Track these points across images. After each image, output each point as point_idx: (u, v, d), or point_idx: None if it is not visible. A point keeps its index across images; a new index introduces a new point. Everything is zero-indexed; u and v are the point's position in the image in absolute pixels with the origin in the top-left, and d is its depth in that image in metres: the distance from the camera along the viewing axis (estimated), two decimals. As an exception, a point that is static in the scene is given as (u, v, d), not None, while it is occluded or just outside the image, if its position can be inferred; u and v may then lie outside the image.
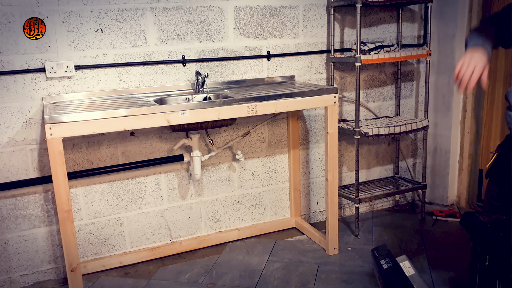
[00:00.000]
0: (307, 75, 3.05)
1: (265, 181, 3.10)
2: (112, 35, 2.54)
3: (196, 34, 2.72)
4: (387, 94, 3.33)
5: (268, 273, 2.63)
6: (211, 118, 2.31)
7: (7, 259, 2.55)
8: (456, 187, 3.46)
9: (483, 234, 1.69)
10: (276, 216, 3.18)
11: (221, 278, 2.60)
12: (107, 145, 2.64)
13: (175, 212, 2.89)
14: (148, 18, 2.60)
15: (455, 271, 2.57)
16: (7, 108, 2.41)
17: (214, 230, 3.02)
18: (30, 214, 2.55)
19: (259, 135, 3.02)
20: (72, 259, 2.18)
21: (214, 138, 2.88)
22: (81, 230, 2.68)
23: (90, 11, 2.47)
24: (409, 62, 3.36)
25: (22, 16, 2.35)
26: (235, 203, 3.04)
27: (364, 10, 3.09)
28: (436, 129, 3.43)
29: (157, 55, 2.66)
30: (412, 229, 3.12)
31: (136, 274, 2.69)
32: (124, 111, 2.14)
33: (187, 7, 2.67)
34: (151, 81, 2.67)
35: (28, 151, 2.49)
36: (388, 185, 3.32)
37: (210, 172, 2.93)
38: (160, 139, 2.76)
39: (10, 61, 2.37)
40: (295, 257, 2.78)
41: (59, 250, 2.64)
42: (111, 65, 2.57)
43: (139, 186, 2.77)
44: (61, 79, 2.49)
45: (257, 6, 2.82)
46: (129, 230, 2.79)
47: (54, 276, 2.66)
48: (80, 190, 2.64)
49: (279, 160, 3.10)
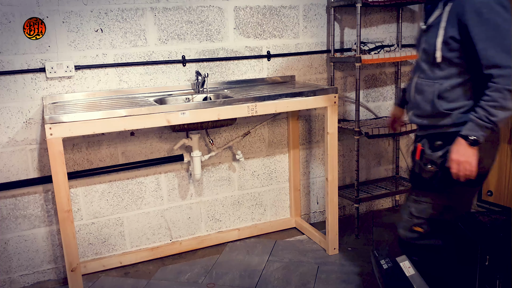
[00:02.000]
0: (307, 75, 3.05)
1: (265, 181, 3.10)
2: (112, 35, 2.54)
3: (196, 34, 2.72)
4: (387, 94, 3.33)
5: (268, 273, 2.63)
6: (211, 118, 2.31)
7: (7, 259, 2.55)
8: (456, 187, 3.46)
9: (483, 234, 1.70)
10: (276, 216, 3.18)
11: (221, 278, 2.60)
12: (107, 145, 2.64)
13: (175, 212, 2.89)
14: (148, 18, 2.60)
15: (455, 271, 2.57)
16: (7, 108, 2.41)
17: (214, 230, 3.02)
18: (30, 214, 2.55)
19: (259, 135, 3.02)
20: (72, 259, 2.18)
21: (214, 138, 2.88)
22: (81, 230, 2.68)
23: (90, 11, 2.47)
24: (409, 62, 3.36)
25: (22, 16, 2.35)
26: (235, 203, 3.04)
27: (364, 10, 3.09)
28: (436, 129, 3.43)
29: (157, 55, 2.66)
30: (412, 229, 3.12)
31: (136, 274, 2.69)
32: (124, 111, 2.14)
33: (187, 7, 2.67)
34: (151, 81, 2.67)
35: (28, 151, 2.49)
36: (388, 185, 3.32)
37: (210, 172, 2.93)
38: (160, 139, 2.76)
39: (10, 61, 2.37)
40: (295, 257, 2.78)
41: (59, 250, 2.64)
42: (111, 65, 2.57)
43: (139, 186, 2.77)
44: (61, 79, 2.49)
45: (257, 6, 2.82)
46: (129, 230, 2.79)
47: (54, 276, 2.66)
48: (80, 190, 2.64)
49: (279, 160, 3.10)
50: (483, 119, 1.63)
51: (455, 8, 1.65)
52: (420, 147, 1.80)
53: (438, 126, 1.77)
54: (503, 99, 1.59)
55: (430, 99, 1.76)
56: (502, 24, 1.57)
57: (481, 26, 1.59)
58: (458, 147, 1.68)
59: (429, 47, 1.75)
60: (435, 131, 1.79)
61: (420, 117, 1.83)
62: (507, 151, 3.13)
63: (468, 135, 1.65)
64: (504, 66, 1.58)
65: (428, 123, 1.81)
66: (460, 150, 1.67)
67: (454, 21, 1.65)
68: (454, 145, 1.70)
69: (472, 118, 1.66)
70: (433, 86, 1.74)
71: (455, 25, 1.65)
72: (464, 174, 1.68)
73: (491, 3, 1.58)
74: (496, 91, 1.60)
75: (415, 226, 1.86)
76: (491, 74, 1.61)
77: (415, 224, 1.87)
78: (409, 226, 1.91)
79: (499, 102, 1.60)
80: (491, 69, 1.61)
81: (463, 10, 1.61)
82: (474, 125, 1.65)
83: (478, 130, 1.64)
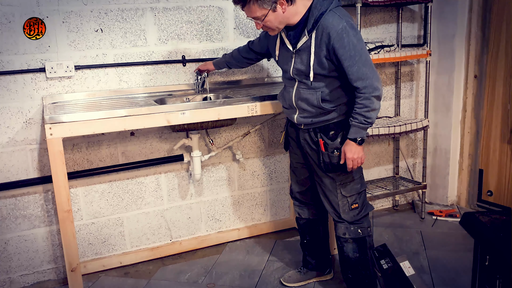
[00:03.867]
0: (307, 75, 3.04)
1: (265, 181, 3.10)
2: (112, 35, 2.54)
3: (196, 34, 2.72)
4: (387, 94, 3.33)
5: (268, 273, 2.63)
6: (211, 118, 2.31)
7: (7, 259, 2.55)
8: (456, 187, 3.46)
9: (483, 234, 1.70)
10: (276, 216, 3.18)
11: (221, 278, 2.60)
12: (107, 145, 2.65)
13: (175, 212, 2.89)
14: (148, 18, 2.60)
15: (455, 271, 2.58)
16: (7, 108, 2.41)
17: (214, 230, 3.02)
18: (30, 214, 2.55)
19: (259, 135, 3.02)
20: (72, 259, 2.18)
21: (214, 138, 2.88)
22: (81, 230, 2.68)
23: (90, 11, 2.47)
24: (409, 62, 3.36)
25: (22, 16, 2.35)
26: (235, 203, 3.04)
27: (364, 10, 3.09)
28: (436, 129, 3.43)
29: (157, 55, 2.66)
30: (412, 229, 3.12)
31: (136, 274, 2.69)
32: (124, 111, 2.14)
33: (187, 7, 2.67)
34: (151, 81, 2.67)
35: (28, 151, 2.49)
36: (388, 185, 3.32)
37: (210, 172, 2.93)
38: (160, 139, 2.76)
39: (10, 61, 2.37)
40: (295, 257, 2.78)
41: (59, 250, 2.64)
42: (111, 65, 2.57)
43: (139, 186, 2.77)
44: (61, 79, 2.49)
45: (257, 6, 2.82)
46: (129, 230, 2.79)
47: (54, 276, 2.66)
48: (80, 190, 2.64)
49: (279, 160, 3.10)
50: (363, 123, 2.01)
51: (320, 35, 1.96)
52: (321, 141, 2.12)
53: (325, 121, 2.11)
54: (372, 103, 1.97)
55: (315, 104, 2.07)
56: (358, 44, 1.94)
57: (343, 48, 1.92)
58: (350, 147, 2.06)
59: (304, 67, 2.04)
60: (322, 124, 2.12)
61: (307, 117, 2.13)
62: (507, 151, 3.13)
63: (356, 138, 2.04)
64: (366, 77, 1.95)
65: (314, 121, 2.12)
66: (352, 149, 2.06)
67: (323, 45, 1.96)
68: (346, 146, 2.07)
69: (354, 124, 2.02)
70: (315, 94, 2.06)
71: (324, 48, 1.96)
72: (357, 165, 2.10)
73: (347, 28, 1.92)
74: (365, 99, 1.97)
75: (353, 204, 2.19)
76: (357, 86, 1.96)
77: (351, 203, 2.19)
78: (347, 207, 2.19)
79: (370, 106, 1.98)
80: (357, 81, 1.96)
81: (328, 36, 1.93)
82: (357, 128, 2.03)
83: (361, 131, 2.03)
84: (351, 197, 2.19)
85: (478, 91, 3.26)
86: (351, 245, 2.22)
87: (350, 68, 1.95)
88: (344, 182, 2.18)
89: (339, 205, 2.19)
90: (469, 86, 3.29)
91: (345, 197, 2.18)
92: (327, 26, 1.94)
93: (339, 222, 2.22)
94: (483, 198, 3.33)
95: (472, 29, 3.19)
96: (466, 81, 3.29)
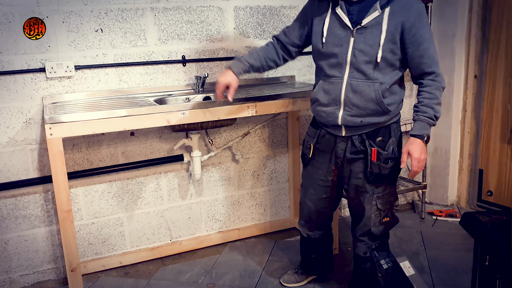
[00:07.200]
0: (307, 75, 3.05)
1: (265, 181, 3.10)
2: (112, 35, 2.54)
3: (196, 34, 2.72)
4: (387, 94, 3.33)
5: (268, 273, 2.63)
6: (211, 118, 2.31)
7: (7, 259, 2.55)
8: (456, 187, 3.46)
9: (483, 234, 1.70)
10: (276, 216, 3.18)
11: (221, 278, 2.60)
12: (107, 145, 2.65)
13: (175, 212, 2.89)
14: (148, 18, 2.60)
15: (455, 271, 2.58)
16: (7, 108, 2.41)
17: (214, 230, 3.02)
18: (30, 214, 2.55)
19: (259, 135, 3.02)
20: (72, 259, 2.18)
21: (214, 138, 2.88)
22: (81, 230, 2.68)
23: (90, 11, 2.47)
24: (409, 62, 3.36)
25: (22, 16, 2.35)
26: (235, 203, 3.04)
27: (364, 10, 3.09)
28: (436, 129, 3.43)
29: (157, 55, 2.66)
30: (412, 229, 3.13)
31: (136, 274, 2.69)
32: (124, 111, 2.14)
33: (187, 7, 2.67)
34: (151, 81, 2.67)
35: (28, 151, 2.49)
36: (388, 185, 3.32)
37: (210, 172, 2.93)
38: (160, 139, 2.76)
39: (10, 61, 2.37)
40: (295, 257, 2.78)
41: (59, 250, 2.64)
42: (111, 65, 2.57)
43: (139, 186, 2.77)
44: (61, 79, 2.49)
45: (257, 6, 2.82)
46: (129, 230, 2.79)
47: (54, 276, 2.66)
48: (80, 190, 2.64)
49: (279, 160, 3.10)
50: (432, 118, 1.79)
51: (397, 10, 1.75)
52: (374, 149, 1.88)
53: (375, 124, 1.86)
54: (441, 95, 1.80)
55: (372, 98, 1.81)
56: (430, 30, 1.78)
57: (423, 28, 1.73)
58: (417, 146, 1.81)
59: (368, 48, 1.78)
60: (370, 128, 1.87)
61: (357, 116, 1.86)
62: (507, 151, 3.13)
63: (423, 134, 1.80)
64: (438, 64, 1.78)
65: (364, 122, 1.86)
66: (419, 148, 1.80)
67: (398, 23, 1.74)
68: (411, 146, 1.82)
69: (422, 118, 1.80)
70: (373, 86, 1.79)
71: (399, 26, 1.74)
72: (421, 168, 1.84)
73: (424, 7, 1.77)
74: (437, 89, 1.77)
75: (385, 218, 2.03)
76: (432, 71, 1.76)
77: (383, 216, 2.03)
78: (378, 220, 2.04)
79: (439, 99, 1.79)
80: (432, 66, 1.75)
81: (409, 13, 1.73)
82: (425, 124, 1.79)
83: (429, 128, 1.81)
84: (384, 210, 2.02)
85: (478, 91, 3.26)
86: (370, 263, 2.14)
87: (427, 50, 1.74)
88: (382, 195, 1.99)
89: (371, 218, 2.03)
90: (469, 86, 3.29)
91: (380, 210, 2.01)
92: (408, 1, 1.75)
93: (359, 241, 2.11)
94: (483, 198, 3.33)
95: (472, 29, 3.19)
96: (466, 81, 3.29)
